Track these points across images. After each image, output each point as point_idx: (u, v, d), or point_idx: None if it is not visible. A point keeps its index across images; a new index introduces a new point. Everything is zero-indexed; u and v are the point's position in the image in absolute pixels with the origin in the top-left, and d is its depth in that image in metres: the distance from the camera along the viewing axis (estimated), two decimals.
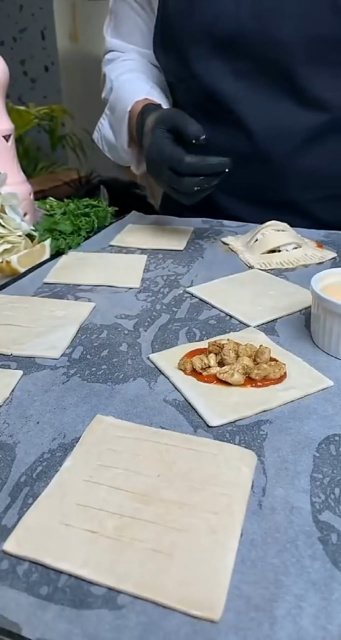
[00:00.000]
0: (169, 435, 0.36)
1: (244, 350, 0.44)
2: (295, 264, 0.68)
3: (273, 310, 0.54)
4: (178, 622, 0.24)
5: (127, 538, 0.28)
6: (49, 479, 0.33)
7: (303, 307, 0.55)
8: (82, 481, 0.32)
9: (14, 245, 0.69)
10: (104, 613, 0.25)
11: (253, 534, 0.29)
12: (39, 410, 0.40)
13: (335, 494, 0.31)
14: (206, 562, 0.27)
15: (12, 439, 0.37)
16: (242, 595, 0.26)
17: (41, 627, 0.24)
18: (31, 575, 0.27)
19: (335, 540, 0.28)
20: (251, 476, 0.33)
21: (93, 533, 0.29)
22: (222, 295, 0.58)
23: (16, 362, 0.47)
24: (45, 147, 3.01)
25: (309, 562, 0.27)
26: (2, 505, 0.31)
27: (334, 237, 0.78)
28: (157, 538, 0.28)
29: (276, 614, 0.25)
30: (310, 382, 0.42)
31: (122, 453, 0.35)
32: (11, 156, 0.79)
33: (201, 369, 0.43)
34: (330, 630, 0.24)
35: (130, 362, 0.46)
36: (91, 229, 0.79)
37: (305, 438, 0.36)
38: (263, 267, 0.67)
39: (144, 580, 0.26)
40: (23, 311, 0.55)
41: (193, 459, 0.34)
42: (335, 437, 0.36)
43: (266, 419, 0.38)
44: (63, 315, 0.54)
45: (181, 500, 0.31)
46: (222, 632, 0.24)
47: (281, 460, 0.34)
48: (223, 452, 0.35)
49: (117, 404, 0.41)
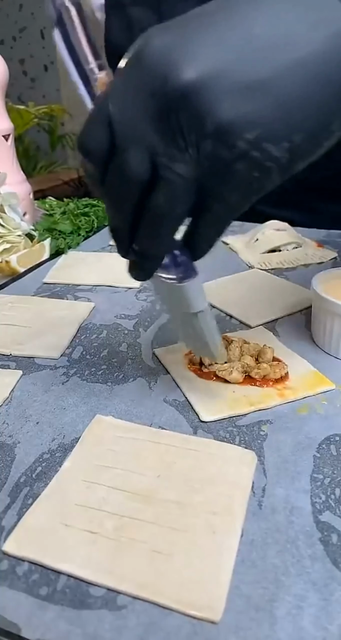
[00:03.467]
0: (169, 435, 0.36)
1: (248, 349, 0.44)
2: (295, 263, 0.68)
3: (273, 310, 0.54)
4: (178, 622, 0.24)
5: (127, 538, 0.28)
6: (48, 479, 0.33)
7: (304, 307, 0.55)
8: (82, 481, 0.32)
9: (13, 244, 0.69)
10: (104, 613, 0.25)
11: (253, 535, 0.29)
12: (39, 410, 0.40)
13: (335, 495, 0.31)
14: (206, 562, 0.27)
15: (12, 439, 0.37)
16: (242, 596, 0.26)
17: (41, 627, 0.24)
18: (31, 576, 0.27)
19: (335, 540, 0.28)
20: (251, 476, 0.33)
21: (93, 533, 0.29)
22: (222, 295, 0.58)
23: (16, 362, 0.47)
24: (44, 147, 3.01)
25: (309, 562, 0.27)
26: (2, 505, 0.31)
27: (334, 237, 0.78)
28: (157, 538, 0.28)
29: (276, 614, 0.25)
30: (310, 382, 0.42)
31: (122, 453, 0.35)
32: (11, 156, 0.79)
33: (208, 364, 0.43)
34: (330, 631, 0.24)
35: (130, 362, 0.46)
36: (90, 229, 0.79)
37: (306, 438, 0.36)
38: (263, 266, 0.67)
39: (144, 580, 0.26)
40: (22, 311, 0.55)
41: (193, 459, 0.34)
42: (335, 437, 0.36)
43: (266, 419, 0.38)
44: (63, 315, 0.54)
45: (181, 501, 0.31)
46: (222, 632, 0.24)
47: (282, 460, 0.34)
48: (223, 453, 0.34)
49: (117, 404, 0.40)
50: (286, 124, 0.27)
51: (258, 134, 0.26)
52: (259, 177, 0.28)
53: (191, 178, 0.28)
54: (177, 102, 0.26)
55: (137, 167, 0.27)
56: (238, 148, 0.26)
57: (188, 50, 0.26)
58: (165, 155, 0.27)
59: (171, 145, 0.27)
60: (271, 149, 0.27)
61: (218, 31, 0.27)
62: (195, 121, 0.26)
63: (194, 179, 0.28)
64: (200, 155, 0.27)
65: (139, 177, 0.28)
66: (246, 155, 0.27)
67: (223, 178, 0.28)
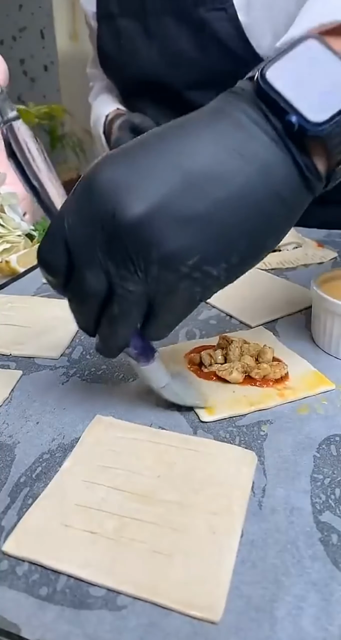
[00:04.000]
0: (169, 435, 0.36)
1: (248, 349, 0.44)
2: (296, 263, 0.68)
3: (274, 310, 0.54)
4: (178, 623, 0.24)
5: (127, 539, 0.28)
6: (48, 480, 0.33)
7: (304, 307, 0.55)
8: (82, 482, 0.32)
9: (13, 244, 0.69)
10: (104, 614, 0.25)
11: (253, 535, 0.29)
12: (39, 410, 0.40)
13: (335, 495, 0.31)
14: (206, 562, 0.27)
15: (12, 439, 0.37)
16: (242, 596, 0.26)
17: (41, 628, 0.24)
18: (31, 576, 0.27)
19: (336, 541, 0.28)
20: (251, 477, 0.33)
21: (93, 534, 0.29)
22: (222, 295, 0.57)
23: (16, 362, 0.46)
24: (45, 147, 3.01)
25: (309, 562, 0.27)
26: (2, 505, 0.31)
27: (334, 237, 0.78)
28: (157, 539, 0.28)
29: (276, 614, 0.25)
30: (310, 382, 0.42)
31: (122, 453, 0.34)
32: None
33: (208, 364, 0.43)
34: (331, 631, 0.24)
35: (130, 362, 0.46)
36: None
37: (306, 438, 0.36)
38: (263, 267, 0.67)
39: (144, 581, 0.26)
40: (22, 311, 0.55)
41: (193, 459, 0.34)
42: (335, 437, 0.36)
43: (266, 419, 0.38)
44: (63, 315, 0.54)
45: (181, 501, 0.31)
46: (222, 633, 0.24)
47: (282, 460, 0.34)
48: (223, 453, 0.34)
49: (117, 404, 0.40)
50: (224, 249, 0.31)
51: (198, 259, 0.30)
52: (200, 291, 0.32)
53: (141, 293, 0.31)
54: (124, 234, 0.29)
55: (96, 284, 0.31)
56: (181, 271, 0.30)
57: (133, 186, 0.29)
58: (117, 276, 0.30)
59: (122, 268, 0.30)
60: (211, 270, 0.31)
61: (160, 168, 0.29)
62: (141, 251, 0.29)
63: (145, 294, 0.31)
64: (148, 277, 0.30)
65: (98, 292, 0.31)
66: (188, 276, 0.30)
67: (169, 295, 0.32)
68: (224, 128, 0.30)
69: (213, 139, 0.30)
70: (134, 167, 0.30)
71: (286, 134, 0.30)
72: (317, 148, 0.30)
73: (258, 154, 0.30)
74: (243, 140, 0.30)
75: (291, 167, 0.30)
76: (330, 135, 0.29)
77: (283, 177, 0.30)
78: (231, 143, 0.30)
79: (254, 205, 0.30)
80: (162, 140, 0.30)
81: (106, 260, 0.30)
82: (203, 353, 0.44)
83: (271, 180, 0.30)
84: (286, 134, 0.30)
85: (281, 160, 0.30)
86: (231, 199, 0.30)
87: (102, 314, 0.33)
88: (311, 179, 0.31)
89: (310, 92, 0.30)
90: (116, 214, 0.29)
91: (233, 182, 0.29)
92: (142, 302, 0.32)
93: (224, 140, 0.30)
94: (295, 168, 0.30)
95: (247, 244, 0.31)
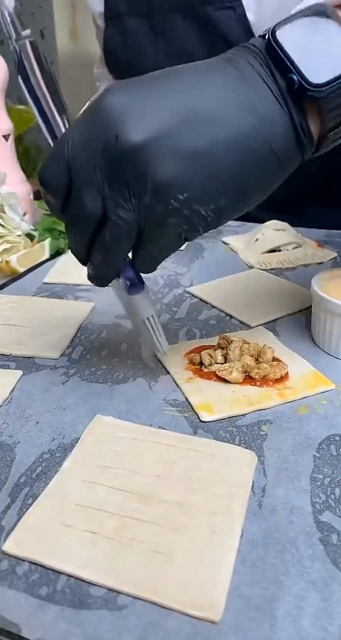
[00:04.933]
0: (169, 435, 0.36)
1: (248, 349, 0.44)
2: (295, 263, 0.68)
3: (273, 310, 0.54)
4: (178, 622, 0.24)
5: (127, 539, 0.28)
6: (48, 480, 0.33)
7: (304, 307, 0.55)
8: (82, 481, 0.32)
9: (13, 245, 0.69)
10: (104, 614, 0.25)
11: (253, 535, 0.29)
12: (39, 410, 0.40)
13: (335, 495, 0.31)
14: (206, 562, 0.27)
15: (12, 439, 0.37)
16: (242, 596, 0.26)
17: (41, 627, 0.24)
18: (31, 576, 0.27)
19: (336, 540, 0.28)
20: (251, 476, 0.33)
21: (93, 534, 0.29)
22: (222, 295, 0.58)
23: (16, 362, 0.46)
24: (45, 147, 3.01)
25: (309, 562, 0.27)
26: (2, 505, 0.31)
27: (334, 237, 0.78)
28: (158, 539, 0.28)
29: (276, 614, 0.25)
30: (310, 382, 0.42)
31: (122, 453, 0.35)
32: (11, 156, 0.79)
33: (208, 364, 0.43)
34: (331, 631, 0.24)
35: (130, 362, 0.46)
36: None
37: (306, 438, 0.36)
38: (263, 267, 0.67)
39: (144, 581, 0.26)
40: (22, 311, 0.55)
41: (193, 459, 0.34)
42: (335, 437, 0.36)
43: (266, 419, 0.38)
44: (63, 315, 0.54)
45: (181, 501, 0.31)
46: (222, 632, 0.24)
47: (282, 460, 0.34)
48: (223, 453, 0.34)
49: (117, 404, 0.40)
50: (215, 190, 0.32)
51: (189, 195, 0.31)
52: (187, 229, 0.33)
53: (132, 222, 0.32)
54: (124, 159, 0.30)
55: (92, 207, 0.32)
56: (171, 205, 0.31)
57: (138, 113, 0.30)
58: (112, 201, 0.32)
59: (118, 193, 0.31)
60: (199, 209, 0.32)
61: (166, 100, 0.31)
62: (138, 177, 0.31)
63: (136, 223, 0.33)
64: (140, 206, 0.32)
65: (93, 215, 0.32)
66: (178, 212, 0.32)
67: (157, 227, 0.33)
68: (231, 76, 0.32)
69: (219, 82, 0.32)
70: (141, 96, 0.31)
71: (288, 92, 0.32)
72: (313, 111, 0.32)
73: (260, 105, 0.31)
74: (247, 90, 0.32)
75: (287, 124, 0.32)
76: (326, 99, 0.31)
77: (279, 132, 0.32)
78: (236, 90, 0.31)
79: (249, 153, 0.32)
80: (171, 77, 0.32)
81: (103, 183, 0.31)
82: (203, 353, 0.44)
83: (267, 133, 0.32)
84: (288, 92, 0.32)
85: (279, 116, 0.32)
86: (227, 142, 0.31)
87: (95, 242, 0.34)
88: (303, 139, 0.33)
89: (314, 56, 0.31)
90: (118, 137, 0.30)
91: (232, 127, 0.31)
92: (132, 231, 0.33)
93: (230, 86, 0.32)
94: (291, 126, 0.32)
95: (235, 189, 0.32)
